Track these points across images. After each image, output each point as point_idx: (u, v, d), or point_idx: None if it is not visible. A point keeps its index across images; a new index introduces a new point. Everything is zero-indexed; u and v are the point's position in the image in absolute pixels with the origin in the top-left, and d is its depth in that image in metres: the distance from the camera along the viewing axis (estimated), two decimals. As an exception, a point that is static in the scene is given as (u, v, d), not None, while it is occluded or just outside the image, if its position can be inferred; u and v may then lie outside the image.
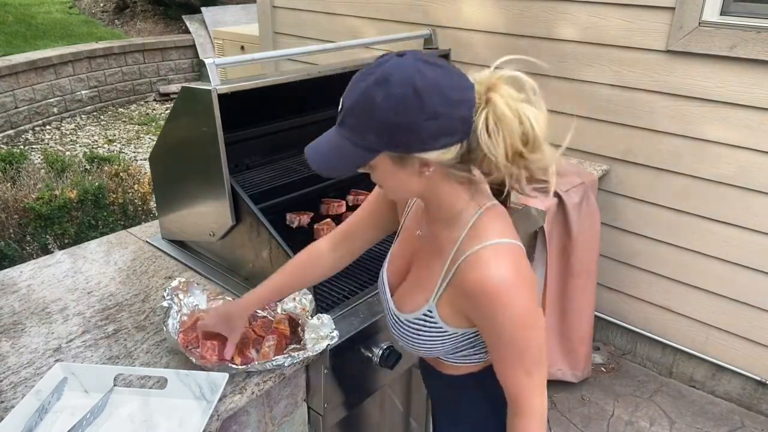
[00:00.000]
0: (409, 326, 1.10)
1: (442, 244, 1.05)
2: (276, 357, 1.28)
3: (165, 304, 1.36)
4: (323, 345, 1.31)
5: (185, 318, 1.37)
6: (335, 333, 1.35)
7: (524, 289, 0.96)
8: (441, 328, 1.06)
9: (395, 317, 1.14)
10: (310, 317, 1.38)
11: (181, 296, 1.41)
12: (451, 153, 0.91)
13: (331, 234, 1.33)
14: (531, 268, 1.01)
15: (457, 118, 0.88)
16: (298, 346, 1.34)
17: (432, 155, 0.90)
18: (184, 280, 1.44)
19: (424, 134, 0.87)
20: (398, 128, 0.87)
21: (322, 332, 1.34)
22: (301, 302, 1.41)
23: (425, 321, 1.07)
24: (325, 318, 1.36)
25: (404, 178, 0.96)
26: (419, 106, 0.86)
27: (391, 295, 1.18)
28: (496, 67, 0.93)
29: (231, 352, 1.29)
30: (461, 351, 1.11)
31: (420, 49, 2.06)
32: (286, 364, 1.29)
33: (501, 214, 1.03)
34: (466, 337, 1.08)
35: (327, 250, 1.30)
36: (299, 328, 1.38)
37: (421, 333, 1.09)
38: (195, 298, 1.44)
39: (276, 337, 1.34)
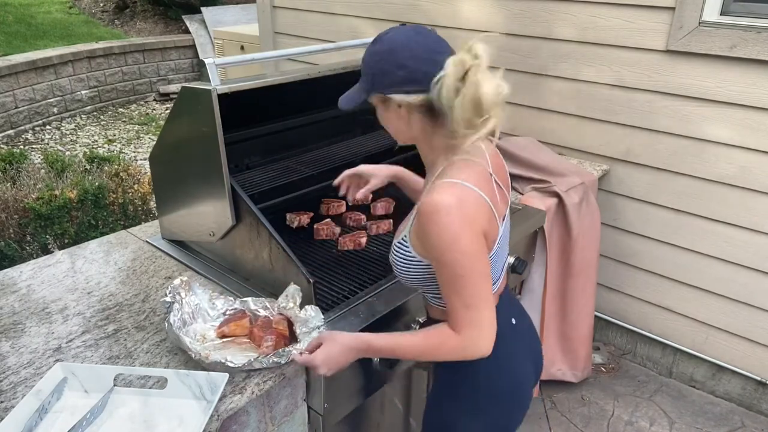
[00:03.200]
0: (395, 251, 1.29)
1: (426, 185, 1.26)
2: (269, 354, 1.28)
3: (168, 299, 1.37)
4: (314, 335, 1.32)
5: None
6: (322, 322, 1.36)
7: (458, 216, 1.11)
8: (412, 255, 1.23)
9: (393, 244, 1.31)
10: (298, 311, 1.38)
11: (183, 294, 1.41)
12: (414, 99, 1.15)
13: None
14: (478, 209, 1.15)
15: (420, 72, 1.13)
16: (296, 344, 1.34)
17: (399, 97, 1.16)
18: (185, 278, 1.44)
19: (394, 79, 1.15)
20: (377, 73, 1.17)
21: (311, 324, 1.35)
22: (293, 298, 1.41)
23: (402, 246, 1.26)
24: (311, 309, 1.37)
25: (392, 119, 1.22)
26: (392, 58, 1.14)
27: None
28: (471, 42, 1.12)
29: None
30: (434, 287, 1.25)
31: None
32: (283, 362, 1.29)
33: (469, 165, 1.19)
34: (431, 270, 1.21)
35: None
36: (293, 327, 1.38)
37: (399, 258, 1.27)
38: (196, 297, 1.45)
39: (274, 337, 1.34)
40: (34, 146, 6.10)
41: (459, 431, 1.34)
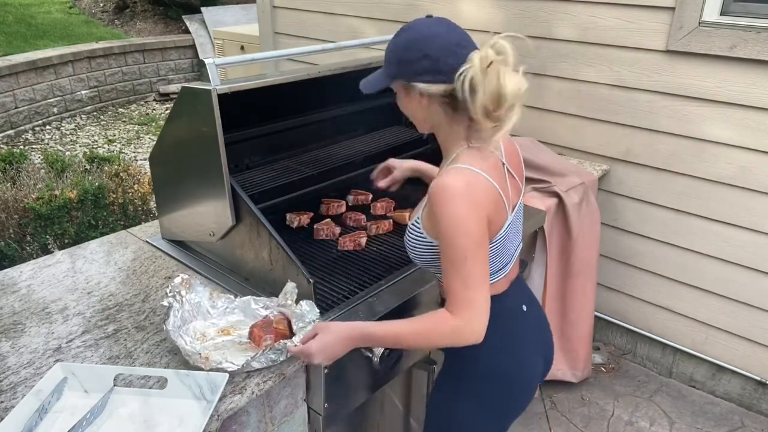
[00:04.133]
0: (409, 232, 1.34)
1: (441, 170, 1.30)
2: (265, 351, 1.28)
3: (165, 303, 1.37)
4: (308, 329, 1.31)
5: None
6: (317, 316, 1.36)
7: (465, 200, 1.15)
8: (423, 236, 1.29)
9: (408, 225, 1.36)
10: (294, 307, 1.38)
11: (183, 293, 1.41)
12: (437, 88, 1.19)
13: None
14: (486, 194, 1.19)
15: (444, 63, 1.17)
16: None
17: (423, 86, 1.20)
18: (186, 276, 1.44)
19: (418, 68, 1.19)
20: (402, 61, 1.22)
21: (307, 319, 1.35)
22: (291, 295, 1.41)
23: (415, 228, 1.31)
24: (305, 304, 1.37)
25: (413, 105, 1.27)
26: (418, 48, 1.19)
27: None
28: (495, 33, 1.16)
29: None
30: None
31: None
32: (281, 359, 1.29)
33: (480, 153, 1.24)
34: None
35: None
36: (292, 325, 1.38)
37: (412, 238, 1.32)
38: (197, 295, 1.45)
39: (273, 336, 1.34)
40: (34, 146, 6.10)
41: (462, 415, 1.35)
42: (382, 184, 1.74)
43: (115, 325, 1.47)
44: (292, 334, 1.37)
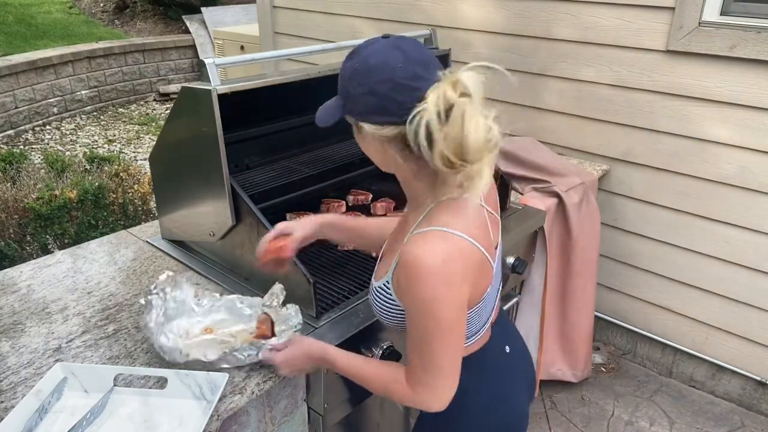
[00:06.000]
0: (375, 293, 1.19)
1: (408, 225, 1.13)
2: (242, 345, 1.27)
3: (143, 301, 1.35)
4: (288, 334, 1.30)
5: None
6: (300, 324, 1.34)
7: (442, 278, 0.98)
8: (393, 300, 1.13)
9: (371, 284, 1.23)
10: (279, 309, 1.36)
11: (168, 290, 1.39)
12: (386, 131, 0.99)
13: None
14: (468, 264, 1.03)
15: (393, 101, 0.96)
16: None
17: (369, 128, 1.01)
18: (172, 273, 1.42)
19: (361, 106, 1.00)
20: (348, 95, 1.02)
21: (290, 323, 1.33)
22: (277, 297, 1.39)
23: (384, 291, 1.15)
24: (291, 309, 1.35)
25: (366, 146, 1.08)
26: (363, 81, 0.98)
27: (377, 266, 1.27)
28: (464, 68, 0.95)
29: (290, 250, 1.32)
30: None
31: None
32: (251, 361, 1.28)
33: (457, 207, 1.05)
34: None
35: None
36: (274, 327, 1.36)
37: (380, 301, 1.17)
38: (182, 293, 1.43)
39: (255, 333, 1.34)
40: (34, 146, 6.10)
41: None
42: (270, 267, 1.36)
43: (115, 325, 1.47)
44: (273, 335, 1.35)
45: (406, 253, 1.01)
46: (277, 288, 1.41)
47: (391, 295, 1.13)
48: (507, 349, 1.34)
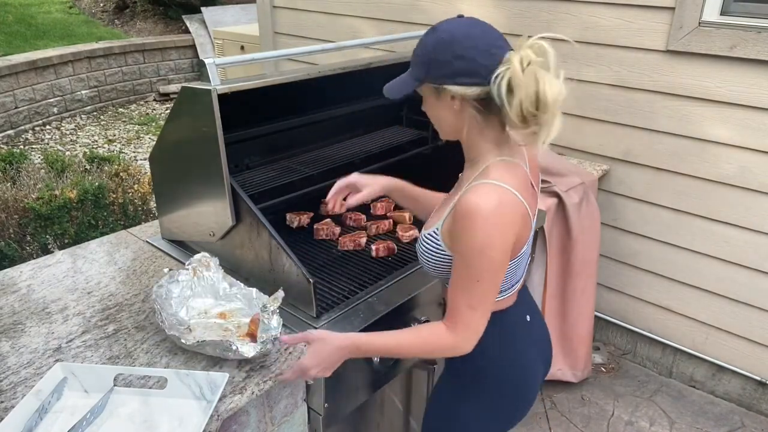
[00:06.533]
0: (422, 241, 1.29)
1: (463, 182, 1.25)
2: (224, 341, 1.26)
3: (165, 270, 1.40)
4: (259, 347, 1.26)
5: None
6: (273, 340, 1.28)
7: (494, 223, 1.11)
8: (441, 247, 1.24)
9: (420, 234, 1.33)
10: (271, 316, 1.32)
11: (201, 270, 1.47)
12: (472, 91, 1.13)
13: None
14: (516, 214, 1.15)
15: (480, 65, 1.11)
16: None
17: (456, 89, 1.14)
18: (208, 256, 1.50)
19: (451, 70, 1.13)
20: (434, 62, 1.15)
21: (269, 332, 1.28)
22: (277, 302, 1.36)
23: (432, 239, 1.26)
24: (275, 321, 1.30)
25: (442, 110, 1.20)
26: (451, 49, 1.12)
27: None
28: (529, 37, 1.11)
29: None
30: None
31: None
32: (230, 356, 1.27)
33: (510, 167, 1.19)
34: None
35: None
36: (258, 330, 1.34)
37: (427, 249, 1.27)
38: (213, 275, 1.49)
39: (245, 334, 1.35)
40: (34, 146, 6.09)
41: (462, 417, 1.35)
42: (337, 208, 1.56)
43: (115, 325, 1.47)
44: (256, 339, 1.31)
45: (464, 201, 1.13)
46: (280, 294, 1.40)
47: (438, 241, 1.24)
48: (528, 317, 1.40)
